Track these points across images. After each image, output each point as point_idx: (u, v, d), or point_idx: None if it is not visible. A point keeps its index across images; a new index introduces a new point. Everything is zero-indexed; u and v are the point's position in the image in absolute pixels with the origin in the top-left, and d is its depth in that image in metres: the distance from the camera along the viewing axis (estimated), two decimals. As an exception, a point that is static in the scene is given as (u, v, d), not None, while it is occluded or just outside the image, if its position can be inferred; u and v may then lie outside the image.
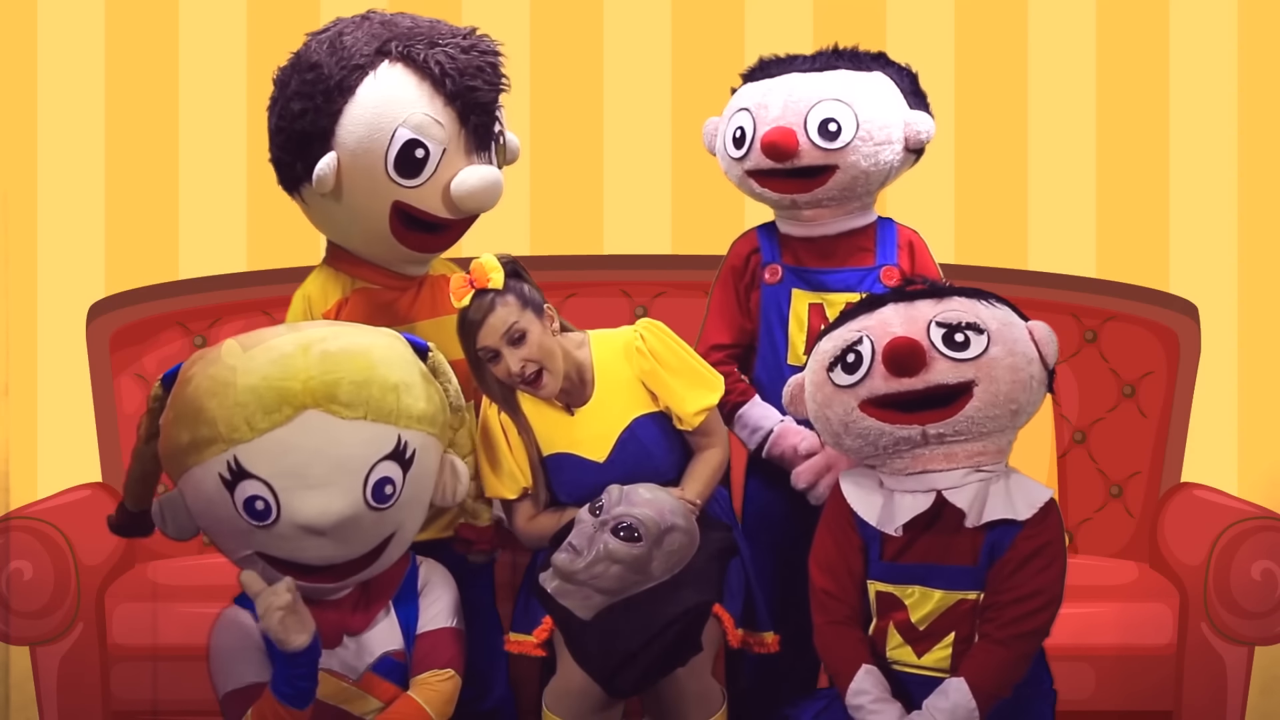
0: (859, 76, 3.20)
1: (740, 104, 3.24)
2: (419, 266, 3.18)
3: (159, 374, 3.75)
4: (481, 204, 3.03)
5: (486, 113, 3.05)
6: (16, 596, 3.28)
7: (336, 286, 3.12)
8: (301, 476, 2.60)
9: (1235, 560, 3.30)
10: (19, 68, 4.24)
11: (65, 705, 3.33)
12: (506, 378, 2.90)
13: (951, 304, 2.82)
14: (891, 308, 2.84)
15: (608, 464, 2.96)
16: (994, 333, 2.78)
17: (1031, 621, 2.73)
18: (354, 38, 3.04)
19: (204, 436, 2.63)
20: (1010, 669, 2.73)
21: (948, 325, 2.77)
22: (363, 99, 2.99)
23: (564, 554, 2.79)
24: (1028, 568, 2.73)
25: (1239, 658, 3.33)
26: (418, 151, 2.99)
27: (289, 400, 2.61)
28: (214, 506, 2.65)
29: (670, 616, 2.77)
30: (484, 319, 2.87)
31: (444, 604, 2.84)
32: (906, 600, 2.77)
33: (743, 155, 3.20)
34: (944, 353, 2.74)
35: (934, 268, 3.26)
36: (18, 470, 4.15)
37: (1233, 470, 4.16)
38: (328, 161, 2.96)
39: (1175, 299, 3.85)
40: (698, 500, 2.95)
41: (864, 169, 3.16)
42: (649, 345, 2.98)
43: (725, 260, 3.30)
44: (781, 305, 3.22)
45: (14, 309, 4.21)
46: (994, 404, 2.75)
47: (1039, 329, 2.83)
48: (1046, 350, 2.82)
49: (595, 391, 2.98)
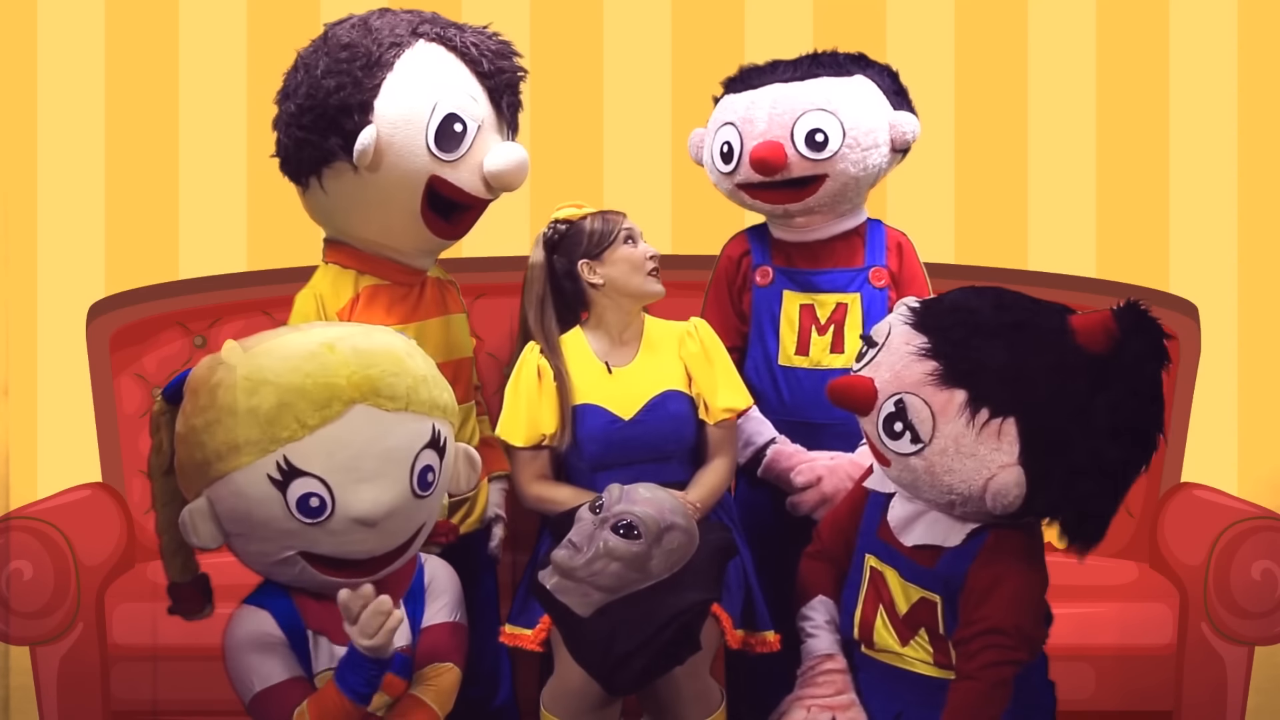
0: (841, 82, 3.21)
1: (725, 118, 3.26)
2: (428, 259, 3.19)
3: (159, 374, 3.79)
4: (512, 182, 3.09)
5: (515, 94, 3.15)
6: (16, 596, 3.28)
7: (347, 283, 3.12)
8: (355, 470, 2.63)
9: (1235, 560, 3.31)
10: (19, 68, 4.25)
11: (65, 705, 3.33)
12: (642, 260, 3.07)
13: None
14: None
15: (633, 422, 3.03)
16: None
17: (990, 654, 2.69)
18: (383, 21, 3.08)
19: (247, 439, 2.61)
20: (985, 703, 2.70)
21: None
22: (402, 72, 3.02)
23: (563, 551, 2.80)
24: (989, 591, 2.71)
25: (1239, 658, 3.34)
26: (456, 126, 3.03)
27: (337, 396, 2.63)
28: (259, 508, 2.64)
29: (669, 615, 2.77)
30: (620, 214, 3.13)
31: (448, 599, 2.86)
32: (891, 581, 2.80)
33: (732, 170, 3.22)
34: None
35: (921, 269, 3.28)
36: (18, 470, 4.15)
37: (1233, 470, 4.16)
38: (369, 132, 2.97)
39: (1175, 299, 3.85)
40: (700, 504, 2.97)
41: (853, 175, 3.18)
42: (701, 334, 3.10)
43: (717, 263, 3.33)
44: (773, 306, 3.24)
45: (14, 309, 4.21)
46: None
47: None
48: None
49: (637, 358, 3.08)
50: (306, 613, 2.73)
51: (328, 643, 2.73)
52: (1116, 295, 3.82)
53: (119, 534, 3.48)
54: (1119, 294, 3.83)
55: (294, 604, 2.73)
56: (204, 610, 2.87)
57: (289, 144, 3.07)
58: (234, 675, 2.73)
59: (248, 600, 2.77)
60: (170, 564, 2.82)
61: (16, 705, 3.81)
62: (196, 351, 3.78)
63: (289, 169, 3.11)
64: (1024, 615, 2.72)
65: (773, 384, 3.23)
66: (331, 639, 2.73)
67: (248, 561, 2.76)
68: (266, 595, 2.75)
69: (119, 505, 3.56)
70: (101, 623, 3.35)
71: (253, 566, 2.77)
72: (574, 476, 3.08)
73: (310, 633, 2.73)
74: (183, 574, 2.83)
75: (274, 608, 2.73)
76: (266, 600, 2.74)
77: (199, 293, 3.86)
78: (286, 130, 3.07)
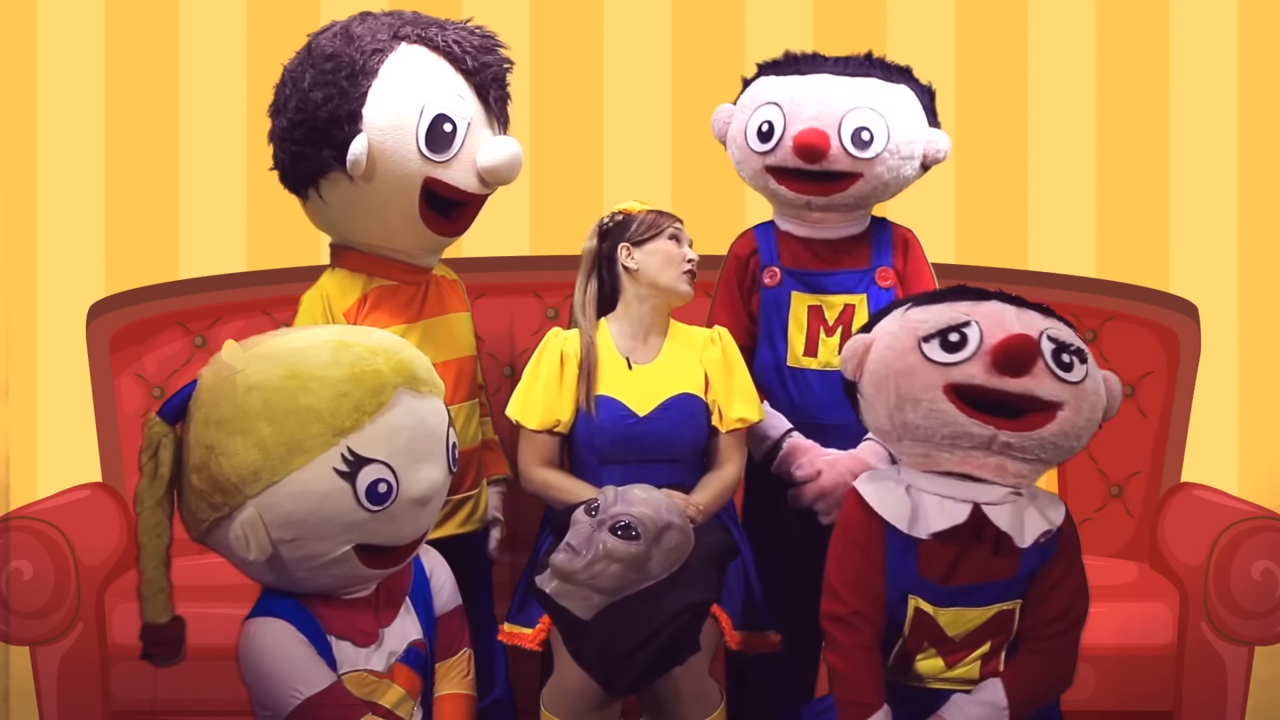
0: (890, 88, 3.20)
1: (768, 97, 3.22)
2: (432, 257, 3.20)
3: (159, 374, 3.79)
4: (507, 176, 3.10)
5: (502, 87, 3.14)
6: (16, 596, 3.28)
7: (355, 285, 3.13)
8: (412, 453, 2.66)
9: (1235, 560, 3.31)
10: (19, 68, 4.24)
11: (65, 705, 3.33)
12: (680, 260, 3.08)
13: (1060, 325, 2.73)
14: (1003, 304, 2.73)
15: (647, 419, 3.04)
16: (1091, 368, 2.72)
17: (1069, 626, 2.75)
18: (364, 28, 3.08)
19: (308, 435, 2.59)
20: (1049, 677, 2.74)
21: (1059, 342, 2.68)
22: (387, 79, 3.02)
23: (562, 554, 2.80)
24: (1063, 578, 2.75)
25: (1239, 658, 3.34)
26: (446, 126, 3.04)
27: (386, 382, 2.65)
28: (326, 503, 2.61)
29: (668, 615, 2.77)
30: (673, 216, 3.14)
31: (450, 583, 2.89)
32: (943, 618, 2.75)
33: (768, 150, 3.19)
34: (1050, 366, 2.65)
35: (927, 266, 3.28)
36: (18, 470, 4.15)
37: (1233, 470, 4.15)
38: (360, 141, 2.98)
39: (1175, 299, 3.85)
40: (704, 508, 2.98)
41: (885, 180, 3.17)
42: (724, 343, 3.12)
43: (725, 262, 3.31)
44: (781, 308, 3.23)
45: (14, 309, 4.21)
46: (1068, 433, 2.67)
47: (1113, 380, 2.77)
48: (1114, 403, 2.76)
49: (659, 357, 3.09)
50: (324, 619, 2.70)
51: (350, 646, 2.71)
52: (1116, 295, 3.86)
53: (119, 534, 3.47)
54: (1119, 294, 3.87)
55: (310, 612, 2.69)
56: (178, 656, 2.71)
57: (285, 158, 3.09)
58: (267, 688, 2.65)
59: (256, 614, 2.70)
60: (151, 603, 2.67)
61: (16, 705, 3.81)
62: (196, 351, 3.79)
63: (287, 182, 3.13)
64: (1086, 587, 2.78)
65: (782, 385, 3.22)
66: (356, 642, 2.71)
67: (289, 569, 2.65)
68: (278, 607, 2.69)
69: (119, 505, 3.56)
70: (101, 623, 3.35)
71: (293, 574, 2.66)
72: (580, 468, 3.08)
73: (332, 638, 2.70)
74: (164, 614, 2.68)
75: (292, 617, 2.67)
76: (279, 611, 2.68)
77: (199, 293, 3.86)
78: (281, 145, 3.08)
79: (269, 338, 2.77)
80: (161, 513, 2.66)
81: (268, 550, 2.62)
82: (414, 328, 3.07)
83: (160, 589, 2.67)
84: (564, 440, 3.09)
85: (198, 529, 2.69)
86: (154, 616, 2.67)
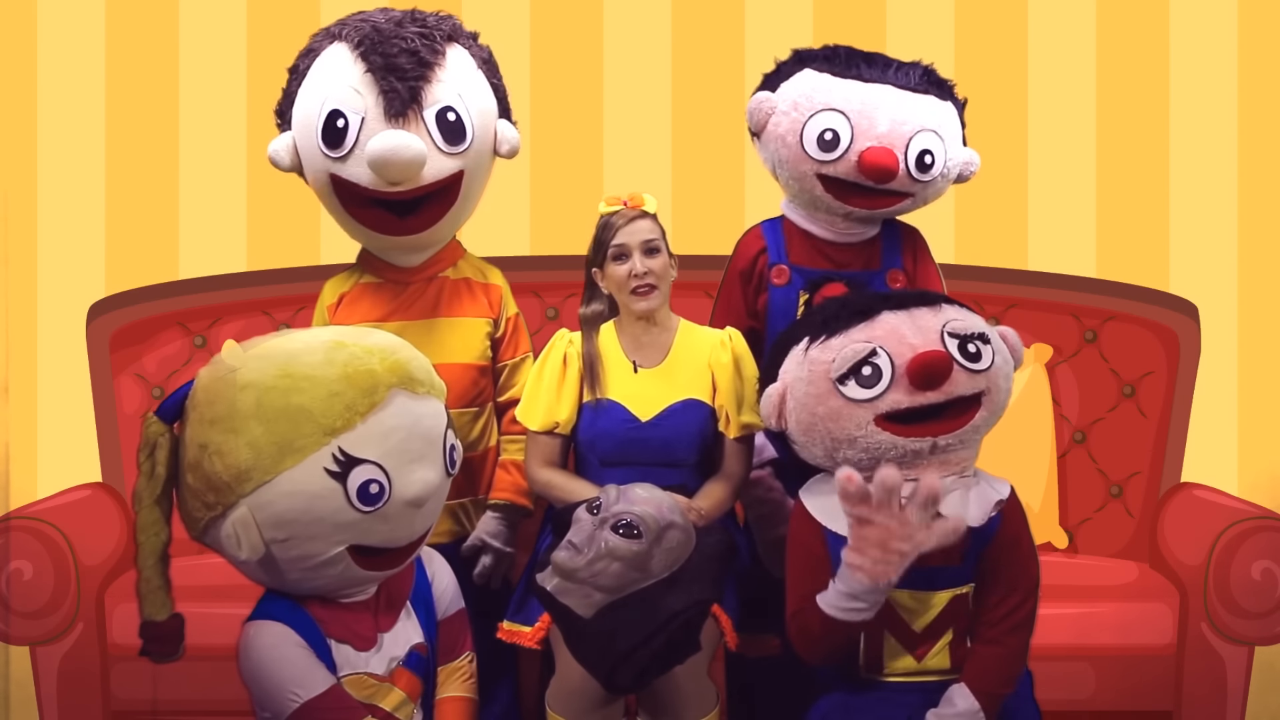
0: (942, 107, 3.16)
1: (830, 102, 3.10)
2: (411, 255, 3.17)
3: (159, 374, 3.79)
4: (390, 170, 2.98)
5: (400, 77, 3.01)
6: (16, 596, 3.28)
7: (347, 282, 3.18)
8: (405, 454, 2.64)
9: (1235, 560, 3.31)
10: (19, 68, 4.24)
11: (65, 705, 3.34)
12: (625, 279, 3.01)
13: (950, 312, 2.78)
14: (893, 315, 2.75)
15: (649, 425, 3.03)
16: (994, 341, 2.77)
17: (1020, 613, 2.74)
18: (323, 29, 3.13)
19: (299, 435, 2.59)
20: (1008, 664, 2.74)
21: (960, 336, 2.73)
22: (310, 78, 3.08)
23: (564, 552, 2.80)
24: (1009, 561, 2.73)
25: (1239, 658, 3.34)
26: (339, 121, 3.02)
27: (380, 382, 2.64)
28: (317, 503, 2.60)
29: (669, 614, 2.77)
30: (631, 222, 3.02)
31: (452, 585, 2.89)
32: (904, 608, 2.74)
33: (830, 160, 3.09)
34: (961, 364, 2.70)
35: (934, 266, 3.27)
36: (18, 470, 4.15)
37: (1233, 470, 4.15)
38: (275, 142, 3.08)
39: (1175, 299, 3.85)
40: (706, 512, 2.98)
41: (925, 198, 3.17)
42: (735, 346, 3.08)
43: (731, 261, 3.26)
44: (790, 307, 3.20)
45: (14, 309, 4.21)
46: (995, 412, 2.76)
47: (1010, 335, 2.82)
48: (1018, 356, 2.82)
49: (665, 361, 3.07)
50: (324, 622, 2.69)
51: (350, 650, 2.70)
52: (1116, 295, 3.86)
53: (119, 534, 3.47)
54: (1119, 294, 3.87)
55: (309, 614, 2.68)
56: (177, 653, 2.72)
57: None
58: (265, 691, 2.64)
59: (255, 617, 2.70)
60: (150, 600, 2.69)
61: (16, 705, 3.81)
62: (197, 351, 3.79)
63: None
64: (1035, 569, 2.77)
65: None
66: (355, 646, 2.70)
67: (282, 569, 2.66)
68: (277, 609, 2.69)
69: (119, 505, 3.56)
70: (101, 623, 3.35)
71: (287, 575, 2.66)
72: (583, 470, 3.08)
73: (332, 641, 2.69)
74: (162, 611, 2.69)
75: (291, 620, 2.66)
76: (278, 614, 2.68)
77: (199, 293, 3.86)
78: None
79: (269, 338, 2.77)
80: (159, 511, 2.67)
81: (260, 550, 2.62)
82: (385, 327, 2.97)
83: (158, 586, 2.69)
84: (568, 442, 3.09)
85: (195, 528, 2.69)
86: (152, 614, 2.69)
